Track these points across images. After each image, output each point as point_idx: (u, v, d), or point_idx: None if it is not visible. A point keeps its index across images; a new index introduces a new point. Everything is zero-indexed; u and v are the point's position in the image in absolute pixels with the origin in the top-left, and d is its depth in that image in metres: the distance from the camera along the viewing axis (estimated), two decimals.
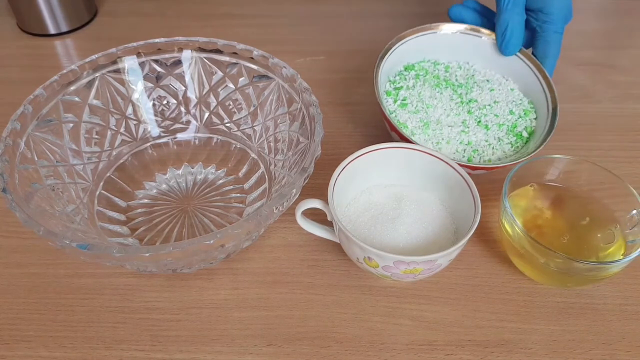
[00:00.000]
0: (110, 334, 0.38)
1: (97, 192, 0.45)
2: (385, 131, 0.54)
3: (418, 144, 0.43)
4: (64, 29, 0.67)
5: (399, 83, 0.52)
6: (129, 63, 0.47)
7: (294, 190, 0.36)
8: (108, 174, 0.47)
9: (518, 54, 0.51)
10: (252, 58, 0.46)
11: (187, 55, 0.47)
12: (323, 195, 0.39)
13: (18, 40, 0.67)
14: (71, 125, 0.44)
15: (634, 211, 0.39)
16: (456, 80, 0.53)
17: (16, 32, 0.68)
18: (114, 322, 0.39)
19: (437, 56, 0.54)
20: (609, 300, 0.41)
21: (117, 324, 0.39)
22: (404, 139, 0.44)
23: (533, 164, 0.42)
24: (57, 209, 0.39)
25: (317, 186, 0.47)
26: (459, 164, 0.41)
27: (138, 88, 0.48)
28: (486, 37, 0.52)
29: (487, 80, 0.52)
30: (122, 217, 0.44)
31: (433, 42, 0.53)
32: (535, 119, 0.49)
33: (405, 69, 0.53)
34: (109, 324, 0.39)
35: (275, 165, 0.46)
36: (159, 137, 0.50)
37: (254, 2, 0.74)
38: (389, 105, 0.50)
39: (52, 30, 0.66)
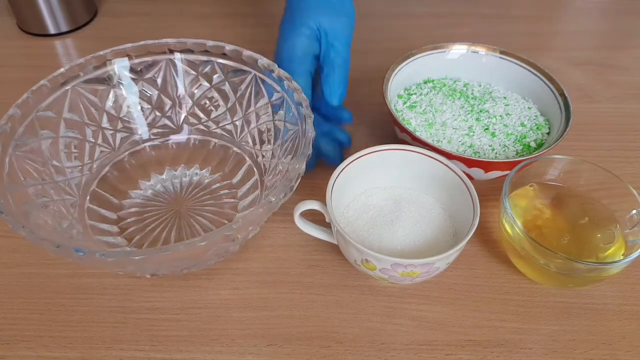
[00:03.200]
0: (110, 334, 0.38)
1: (85, 206, 0.44)
2: (386, 131, 0.54)
3: (417, 145, 0.43)
4: (64, 29, 0.67)
5: (413, 91, 0.52)
6: (101, 71, 0.45)
7: (299, 172, 0.36)
8: (92, 187, 0.45)
9: (541, 76, 0.50)
10: (224, 54, 0.46)
11: (159, 58, 0.46)
12: (322, 196, 0.39)
13: (18, 40, 0.67)
14: (49, 141, 0.43)
15: (634, 211, 0.39)
16: (472, 93, 0.52)
17: (16, 32, 0.68)
18: (113, 322, 0.39)
19: (459, 75, 0.55)
20: (608, 300, 0.41)
21: (117, 324, 0.39)
22: (404, 131, 0.44)
23: (533, 164, 0.42)
24: (56, 227, 0.38)
25: (317, 186, 0.47)
26: (459, 157, 0.41)
27: (110, 96, 0.47)
28: (509, 58, 0.52)
29: (505, 97, 0.52)
30: (115, 229, 0.43)
31: (453, 61, 0.54)
32: (548, 133, 0.48)
33: (425, 82, 0.54)
34: (109, 324, 0.39)
35: (263, 157, 0.46)
36: (137, 143, 0.49)
37: (254, 2, 0.74)
38: (398, 105, 0.50)
39: (52, 30, 0.66)
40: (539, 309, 0.40)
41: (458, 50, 0.53)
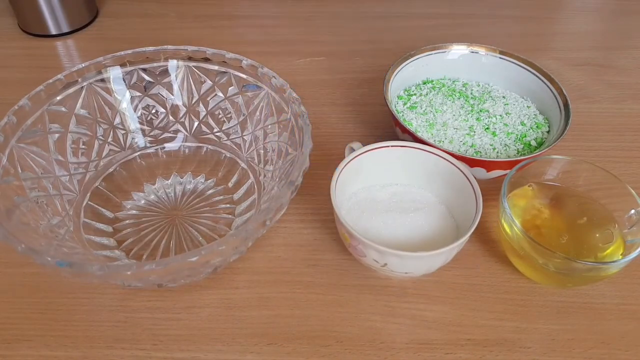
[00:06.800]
0: (111, 333, 0.38)
1: (84, 203, 0.44)
2: (386, 132, 0.54)
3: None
4: (65, 29, 0.67)
5: (413, 91, 0.53)
6: (116, 72, 0.46)
7: (281, 204, 0.35)
8: (96, 185, 0.45)
9: (541, 76, 0.50)
10: (241, 67, 0.45)
11: (175, 64, 0.47)
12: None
13: (19, 40, 0.67)
14: (57, 135, 0.43)
15: (633, 211, 0.39)
16: (471, 93, 0.53)
17: (17, 32, 0.68)
18: (115, 322, 0.39)
19: (458, 75, 0.55)
20: (607, 299, 0.41)
21: (118, 323, 0.39)
22: (406, 131, 0.45)
23: (532, 164, 0.42)
24: (42, 223, 0.38)
25: (318, 185, 0.47)
26: (461, 157, 0.42)
27: (126, 97, 0.47)
28: (509, 59, 0.52)
29: (504, 97, 0.52)
30: (109, 229, 0.43)
31: (453, 61, 0.54)
32: (548, 132, 0.49)
33: (424, 82, 0.54)
34: (110, 323, 0.39)
35: (264, 176, 0.46)
36: (148, 146, 0.49)
37: (255, 2, 0.74)
38: (398, 106, 0.51)
39: (53, 31, 0.66)
40: (537, 308, 0.40)
41: (458, 50, 0.54)
